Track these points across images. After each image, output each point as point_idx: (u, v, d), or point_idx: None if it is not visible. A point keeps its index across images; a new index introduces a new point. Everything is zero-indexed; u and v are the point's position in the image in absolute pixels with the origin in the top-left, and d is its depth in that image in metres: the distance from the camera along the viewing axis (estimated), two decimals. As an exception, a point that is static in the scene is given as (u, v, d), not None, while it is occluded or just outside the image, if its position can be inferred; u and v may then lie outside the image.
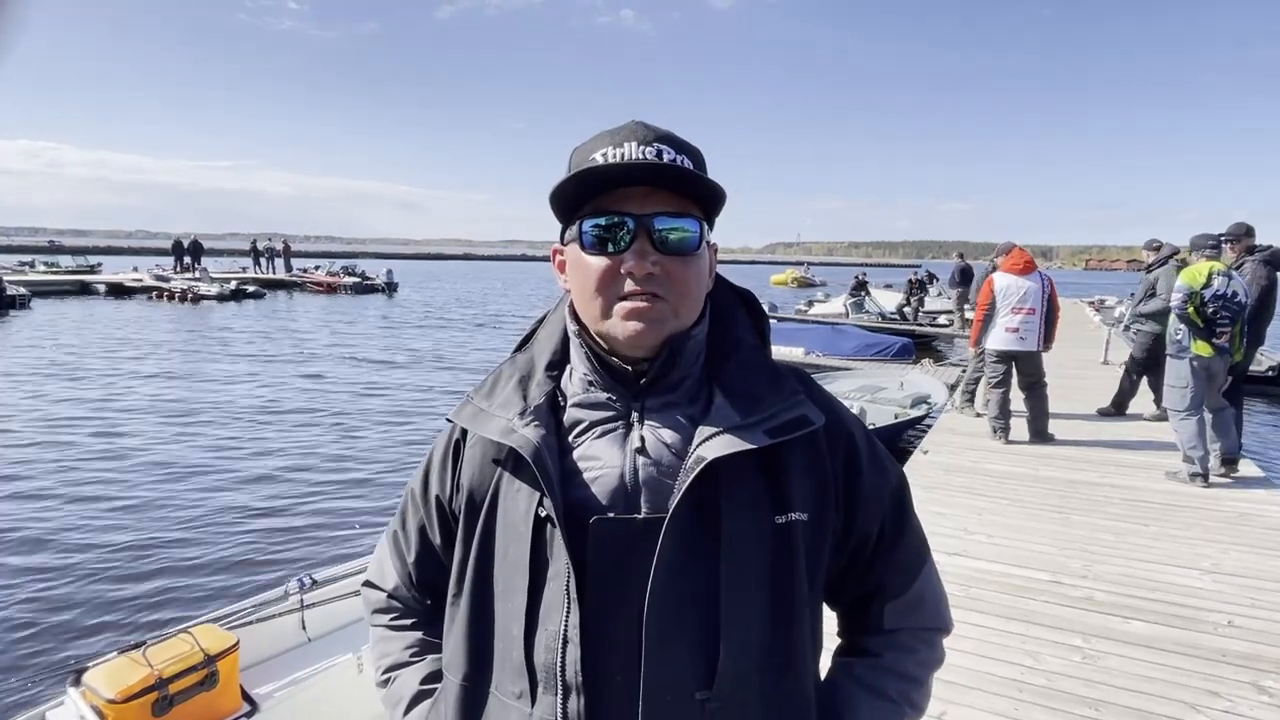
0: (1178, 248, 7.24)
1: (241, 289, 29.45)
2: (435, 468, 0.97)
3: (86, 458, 8.23)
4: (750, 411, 0.83)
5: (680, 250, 0.82)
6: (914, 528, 0.97)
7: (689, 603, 0.79)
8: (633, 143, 0.81)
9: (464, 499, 0.91)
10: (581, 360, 0.89)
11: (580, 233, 0.83)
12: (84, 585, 5.23)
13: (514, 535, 0.85)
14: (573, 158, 0.86)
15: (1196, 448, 5.23)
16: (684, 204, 0.83)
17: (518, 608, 0.83)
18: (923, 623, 0.96)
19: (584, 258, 0.84)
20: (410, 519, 1.01)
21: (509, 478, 0.87)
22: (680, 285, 0.82)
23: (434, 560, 0.99)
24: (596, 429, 0.87)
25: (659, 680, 0.78)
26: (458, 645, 0.89)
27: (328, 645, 3.37)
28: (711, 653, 0.79)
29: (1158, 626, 3.32)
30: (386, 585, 1.05)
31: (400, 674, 0.99)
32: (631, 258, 0.80)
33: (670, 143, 0.82)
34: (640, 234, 0.81)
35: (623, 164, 0.79)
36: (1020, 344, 6.42)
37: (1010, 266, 6.57)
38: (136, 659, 2.75)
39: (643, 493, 0.82)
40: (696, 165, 0.84)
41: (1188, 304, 5.15)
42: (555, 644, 0.80)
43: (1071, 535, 4.41)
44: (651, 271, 0.80)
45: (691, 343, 0.87)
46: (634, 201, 0.81)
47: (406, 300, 33.38)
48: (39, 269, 34.02)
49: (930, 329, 18.45)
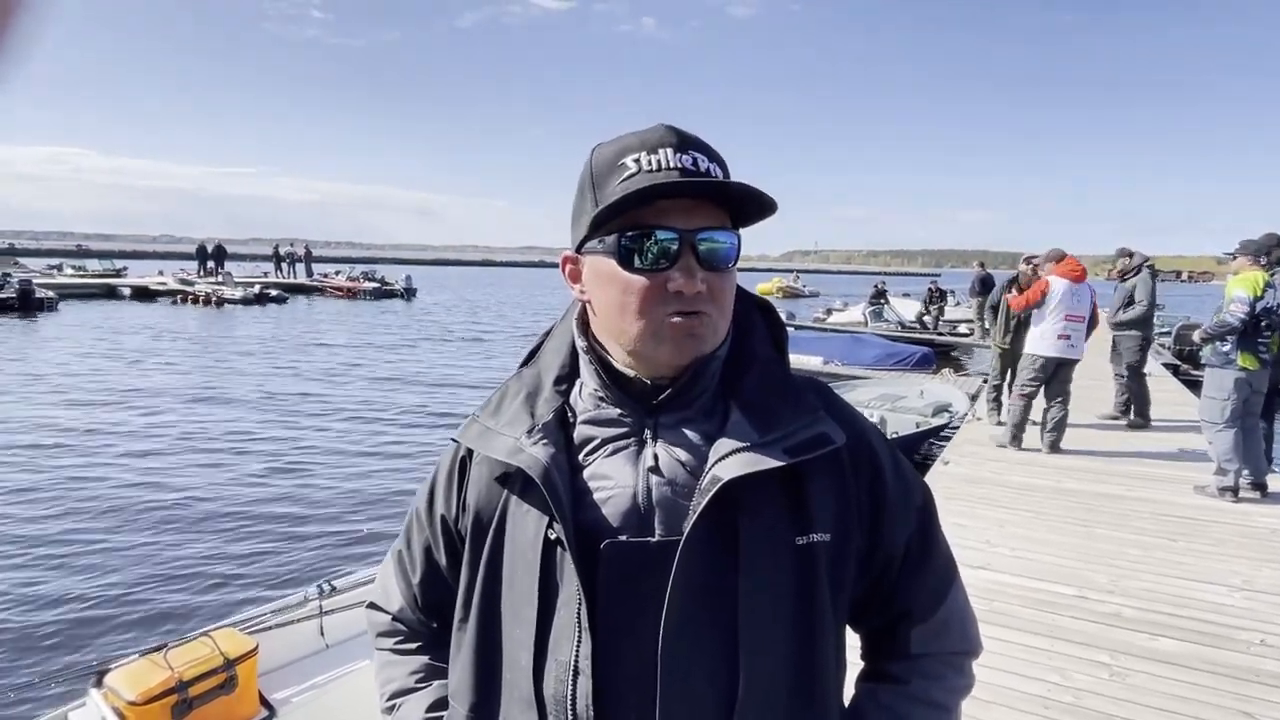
0: (1148, 256, 7.32)
1: (265, 293, 29.82)
2: (440, 487, 0.93)
3: (113, 462, 8.34)
4: (768, 429, 0.79)
5: (722, 264, 0.79)
6: (940, 547, 0.93)
7: (707, 630, 0.76)
8: (668, 149, 0.77)
9: (470, 520, 0.87)
10: (591, 375, 0.86)
11: (619, 248, 0.78)
12: (107, 588, 5.29)
13: (522, 559, 0.82)
14: (593, 160, 0.81)
15: (1232, 460, 5.11)
16: (723, 217, 0.80)
17: (526, 636, 0.80)
18: (951, 647, 0.91)
19: (621, 274, 0.78)
20: (415, 539, 0.97)
21: (517, 499, 0.83)
22: (722, 301, 0.80)
23: (440, 582, 0.95)
24: (608, 446, 0.83)
25: (676, 713, 0.75)
26: (464, 673, 0.86)
27: (345, 652, 3.38)
28: (731, 683, 0.76)
29: (1187, 644, 3.24)
30: (391, 608, 1.01)
31: (405, 701, 0.96)
32: (681, 276, 0.76)
33: (703, 150, 0.79)
34: (685, 250, 0.77)
35: (678, 180, 0.75)
36: (1070, 351, 6.33)
37: (1067, 272, 6.42)
38: (157, 661, 2.78)
39: (656, 514, 0.79)
40: (725, 172, 0.81)
41: (1250, 314, 4.96)
42: (566, 675, 0.77)
43: (1097, 549, 4.33)
44: (700, 290, 0.77)
45: (715, 360, 0.84)
46: (677, 215, 0.77)
47: (427, 305, 33.62)
48: (67, 272, 34.63)
49: (951, 338, 18.29)
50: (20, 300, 23.37)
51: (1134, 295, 7.20)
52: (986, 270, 16.70)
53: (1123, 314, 7.28)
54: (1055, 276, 6.43)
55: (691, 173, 0.77)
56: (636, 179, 0.76)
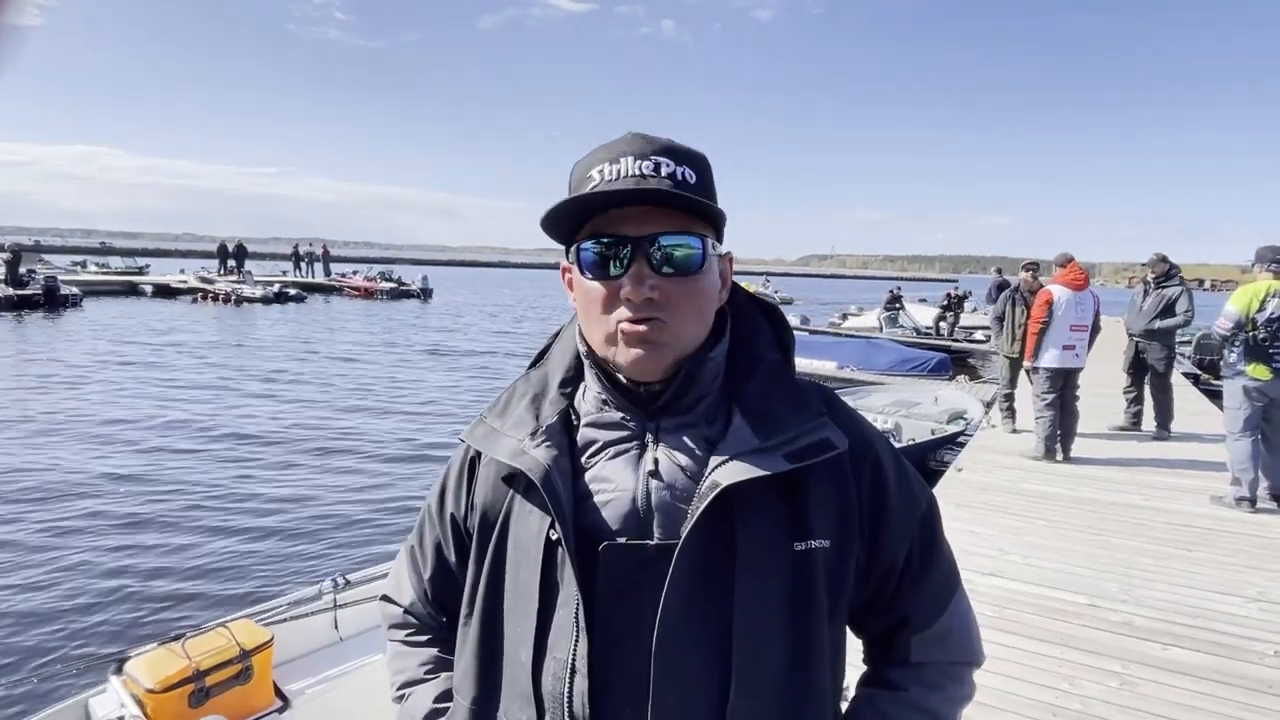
0: (1177, 265, 7.25)
1: (283, 292, 30.12)
2: (451, 485, 0.95)
3: (134, 455, 8.47)
4: (770, 434, 0.80)
5: (683, 269, 0.79)
6: (943, 555, 0.93)
7: (701, 632, 0.77)
8: (629, 158, 0.78)
9: (478, 518, 0.89)
10: (594, 379, 0.87)
11: (578, 256, 0.81)
12: (128, 578, 5.38)
13: (524, 558, 0.83)
14: (573, 173, 0.83)
15: (1247, 470, 5.07)
16: (687, 220, 0.80)
17: (526, 633, 0.82)
18: (952, 656, 0.92)
19: (584, 282, 0.81)
20: (427, 535, 1.00)
21: (520, 499, 0.85)
22: (683, 306, 0.79)
23: (450, 577, 0.97)
24: (610, 450, 0.84)
25: (669, 713, 0.76)
26: (467, 667, 0.88)
27: (359, 645, 3.43)
28: (724, 685, 0.76)
29: (1200, 654, 3.22)
30: (403, 600, 1.03)
31: (415, 691, 0.98)
32: (629, 282, 0.77)
33: (669, 154, 0.79)
34: (638, 257, 0.78)
35: (613, 190, 0.76)
36: (1074, 361, 6.30)
37: (1069, 281, 6.37)
38: (176, 650, 2.83)
39: (655, 517, 0.80)
40: (699, 173, 0.80)
41: (1235, 332, 4.98)
42: (564, 673, 0.79)
43: (1111, 558, 4.30)
44: (650, 296, 0.77)
45: (709, 364, 0.84)
46: (632, 222, 0.78)
47: (445, 305, 33.80)
48: (90, 269, 35.16)
49: (967, 344, 18.16)
50: (46, 296, 23.76)
51: (1175, 305, 7.02)
52: (1004, 277, 16.57)
53: (1159, 322, 7.09)
54: (1057, 285, 6.37)
55: (650, 179, 0.77)
56: (581, 194, 0.78)
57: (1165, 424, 7.35)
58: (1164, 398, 7.33)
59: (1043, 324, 6.29)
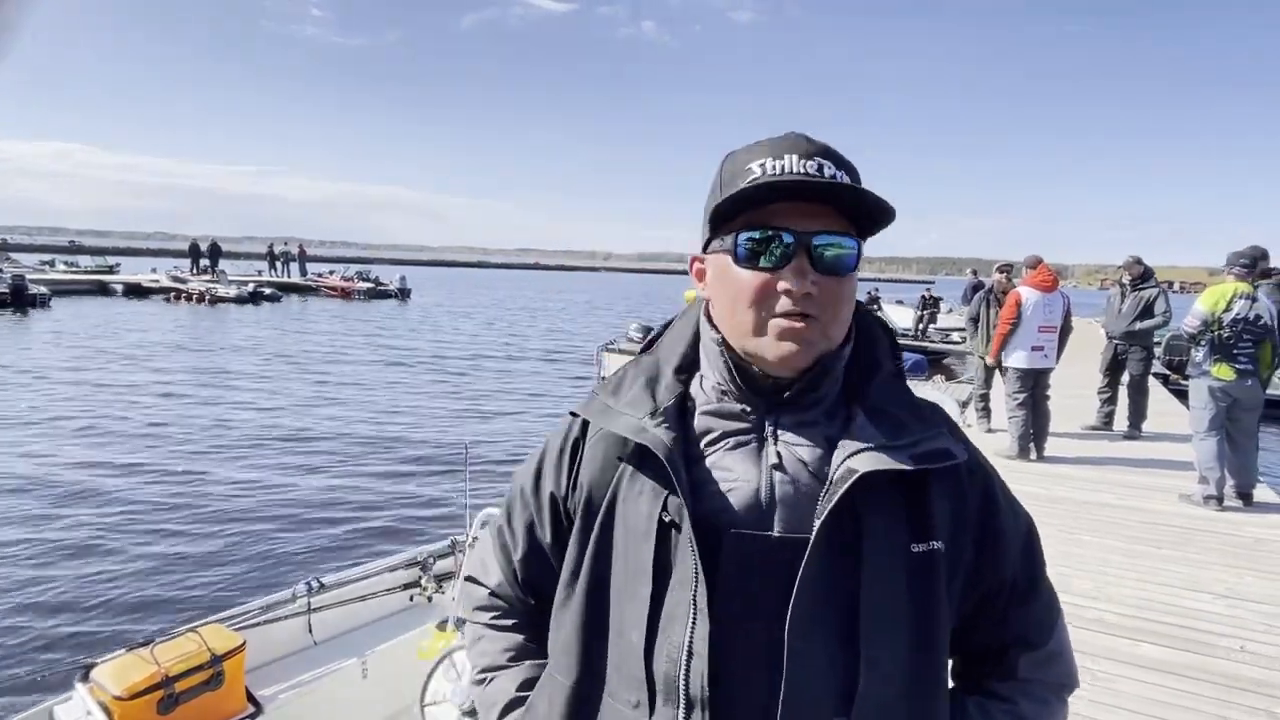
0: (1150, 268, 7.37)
1: (258, 292, 29.75)
2: (550, 463, 0.94)
3: (99, 459, 8.31)
4: (895, 435, 0.81)
5: (837, 270, 0.80)
6: (1046, 578, 0.96)
7: (829, 626, 0.78)
8: (794, 155, 0.79)
9: (582, 497, 0.89)
10: (718, 369, 0.87)
11: (735, 245, 0.81)
12: (94, 583, 5.28)
13: (635, 538, 0.83)
14: (724, 165, 0.84)
15: (1214, 469, 5.17)
16: (845, 222, 0.81)
17: (638, 615, 0.81)
18: (1057, 678, 0.93)
19: (735, 271, 0.81)
20: (518, 515, 0.98)
21: (631, 478, 0.85)
22: (834, 306, 0.80)
23: (541, 559, 0.96)
24: (729, 440, 0.85)
25: (798, 700, 0.76)
26: (568, 647, 0.87)
27: (333, 649, 3.38)
28: (850, 679, 0.77)
29: (1170, 650, 3.27)
30: (489, 582, 1.02)
31: (497, 677, 0.98)
32: (790, 276, 0.78)
33: (831, 157, 0.80)
34: (799, 252, 0.78)
35: (794, 180, 0.77)
36: (1044, 361, 6.41)
37: (1038, 283, 6.47)
38: (144, 656, 2.77)
39: (778, 510, 0.80)
40: (855, 180, 0.81)
41: (1203, 331, 5.10)
42: (679, 655, 0.78)
43: (1083, 555, 4.37)
44: (809, 291, 0.78)
45: (839, 362, 0.86)
46: (795, 217, 0.79)
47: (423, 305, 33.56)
48: (59, 268, 34.48)
49: (943, 345, 18.37)
50: (13, 296, 23.29)
51: (1154, 306, 7.15)
52: (980, 278, 16.77)
53: (1139, 324, 7.22)
54: (1026, 288, 6.49)
55: (814, 178, 0.78)
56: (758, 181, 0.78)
57: (1138, 424, 7.46)
58: (1140, 399, 7.44)
59: (1011, 324, 6.41)
